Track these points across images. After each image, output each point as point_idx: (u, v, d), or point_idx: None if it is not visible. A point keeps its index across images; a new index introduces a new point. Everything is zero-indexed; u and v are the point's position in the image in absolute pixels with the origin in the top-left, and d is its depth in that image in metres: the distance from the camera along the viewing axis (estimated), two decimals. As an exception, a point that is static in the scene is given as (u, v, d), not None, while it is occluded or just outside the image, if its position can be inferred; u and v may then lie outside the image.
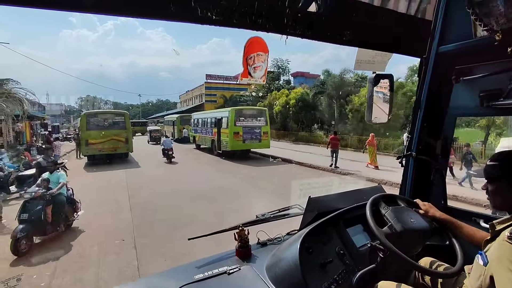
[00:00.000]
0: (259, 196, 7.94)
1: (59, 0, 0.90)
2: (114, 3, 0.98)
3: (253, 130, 15.03)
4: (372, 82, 1.70)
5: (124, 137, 14.73)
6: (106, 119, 15.03)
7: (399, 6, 1.51)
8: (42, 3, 0.89)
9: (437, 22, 1.64)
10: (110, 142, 14.51)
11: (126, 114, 15.56)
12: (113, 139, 14.55)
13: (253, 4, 1.15)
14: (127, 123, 15.12)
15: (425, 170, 1.85)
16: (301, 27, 1.31)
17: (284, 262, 1.29)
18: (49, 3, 0.88)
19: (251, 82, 2.09)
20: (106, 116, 15.27)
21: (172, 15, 1.05)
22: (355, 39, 1.47)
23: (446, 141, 1.80)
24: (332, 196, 1.77)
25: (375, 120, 1.78)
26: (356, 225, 1.59)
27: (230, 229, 1.64)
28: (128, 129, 14.97)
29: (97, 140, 14.21)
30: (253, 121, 15.26)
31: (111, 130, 14.61)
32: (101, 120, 14.92)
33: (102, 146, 14.30)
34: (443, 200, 1.81)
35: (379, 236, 1.26)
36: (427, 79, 1.73)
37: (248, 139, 14.92)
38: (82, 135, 14.15)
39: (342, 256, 1.37)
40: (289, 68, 36.34)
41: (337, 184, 9.97)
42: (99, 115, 15.20)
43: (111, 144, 14.57)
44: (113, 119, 15.14)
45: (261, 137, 15.12)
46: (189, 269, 1.39)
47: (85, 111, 16.42)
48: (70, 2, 0.92)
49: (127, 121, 15.13)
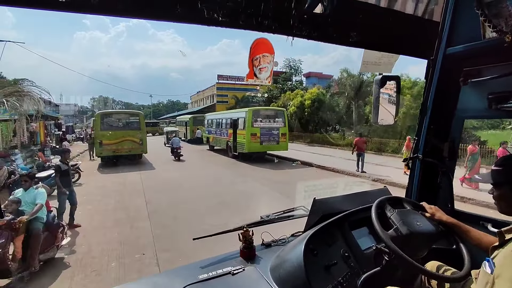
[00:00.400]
0: (289, 203, 7.22)
1: (70, 2, 0.92)
2: (122, 4, 1.00)
3: (271, 131, 14.41)
4: (379, 84, 1.70)
5: (139, 138, 14.31)
6: (121, 119, 14.64)
7: (406, 7, 1.52)
8: (52, 4, 0.91)
9: (445, 23, 1.63)
10: (124, 143, 14.11)
11: (141, 114, 15.17)
12: (128, 140, 14.14)
13: (259, 5, 1.17)
14: (142, 123, 14.71)
15: (432, 173, 1.84)
16: (307, 28, 1.32)
17: (288, 263, 1.29)
18: (60, 5, 0.91)
19: (256, 83, 2.11)
20: (120, 116, 14.89)
21: (178, 17, 1.08)
22: (361, 40, 1.48)
23: (453, 144, 1.79)
24: (337, 198, 1.76)
25: (381, 122, 1.78)
26: (362, 228, 1.58)
27: (234, 229, 1.65)
28: (142, 130, 14.56)
29: (111, 141, 13.81)
30: (271, 122, 14.65)
31: (125, 130, 14.23)
32: (115, 120, 14.54)
33: (116, 147, 13.89)
34: (450, 204, 1.79)
35: (385, 239, 1.24)
36: (434, 80, 1.72)
37: (266, 140, 14.30)
38: (96, 136, 13.77)
39: (347, 258, 1.36)
40: (301, 68, 36.01)
41: (342, 186, 9.55)
42: (114, 115, 14.82)
43: (126, 145, 14.16)
44: (128, 119, 14.75)
45: (279, 138, 14.51)
46: (194, 269, 1.40)
47: (100, 111, 16.10)
48: (79, 3, 0.95)
49: (141, 121, 14.72)
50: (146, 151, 14.95)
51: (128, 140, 14.32)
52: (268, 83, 2.06)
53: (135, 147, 14.55)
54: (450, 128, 1.78)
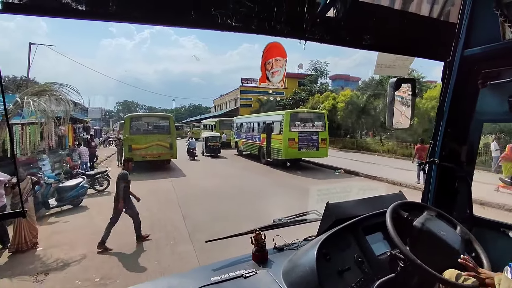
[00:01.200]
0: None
1: (91, 10, 0.98)
2: (138, 12, 1.04)
3: (310, 136, 13.06)
4: (393, 87, 1.65)
5: (169, 143, 13.33)
6: (151, 123, 13.67)
7: (421, 9, 1.52)
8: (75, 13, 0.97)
9: (462, 25, 1.58)
10: (154, 147, 13.16)
11: (171, 118, 14.34)
12: (157, 144, 13.17)
13: (271, 10, 1.20)
14: (172, 127, 13.83)
15: (449, 178, 1.78)
16: (319, 32, 1.33)
17: (301, 267, 1.28)
18: (82, 13, 0.97)
19: (269, 87, 2.09)
20: (150, 119, 14.07)
21: (193, 23, 1.12)
22: (375, 43, 1.48)
23: (472, 148, 1.72)
24: (351, 202, 1.73)
25: (397, 125, 1.74)
26: (376, 233, 1.54)
27: (247, 232, 1.68)
28: (172, 134, 13.66)
29: (141, 145, 12.92)
30: (310, 126, 13.25)
31: (155, 134, 13.26)
32: (145, 124, 13.63)
33: (146, 152, 13.00)
34: (468, 210, 1.71)
35: (400, 245, 1.21)
36: (451, 83, 1.67)
37: (304, 146, 12.95)
38: (125, 140, 12.85)
39: (361, 264, 1.34)
40: (327, 70, 35.43)
41: (355, 191, 8.90)
42: (144, 118, 14.03)
43: (155, 150, 13.28)
44: (158, 123, 13.76)
45: (318, 144, 13.20)
46: (207, 271, 1.42)
47: (129, 114, 15.31)
48: (99, 12, 1.00)
49: (171, 125, 13.84)
50: (175, 156, 13.98)
51: (157, 145, 13.43)
52: (280, 86, 2.03)
53: (164, 152, 13.63)
54: (468, 132, 1.71)
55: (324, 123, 14.07)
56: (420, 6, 1.51)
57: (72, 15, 0.97)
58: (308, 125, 13.69)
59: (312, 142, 13.57)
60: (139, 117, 14.74)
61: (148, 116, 15.24)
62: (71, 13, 0.96)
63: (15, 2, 0.86)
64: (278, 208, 7.27)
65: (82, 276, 4.25)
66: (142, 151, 13.41)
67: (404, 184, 10.02)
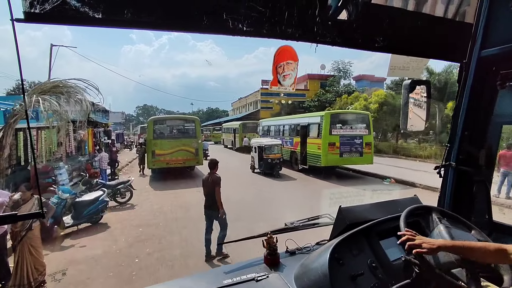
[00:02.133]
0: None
1: (106, 18, 1.03)
2: (152, 18, 1.07)
3: (353, 140, 11.30)
4: (408, 89, 1.66)
5: (194, 148, 11.95)
6: (175, 126, 12.36)
7: (435, 10, 1.50)
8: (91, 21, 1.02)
9: (478, 25, 1.55)
10: (178, 153, 11.80)
11: (197, 120, 13.05)
12: (182, 149, 11.80)
13: (283, 14, 1.22)
14: (198, 130, 12.49)
15: (466, 182, 1.74)
16: (331, 34, 1.34)
17: (313, 272, 1.27)
18: (97, 21, 1.02)
19: (280, 90, 2.18)
20: (175, 122, 12.81)
21: (205, 28, 1.15)
22: (388, 45, 1.48)
23: (490, 151, 1.68)
24: (364, 206, 1.70)
25: (411, 128, 1.75)
26: (390, 238, 1.50)
27: (258, 236, 1.71)
28: (198, 138, 12.22)
29: (165, 151, 11.59)
30: (353, 128, 11.43)
31: (180, 139, 11.90)
32: (170, 128, 12.32)
33: (170, 158, 11.61)
34: (487, 215, 1.67)
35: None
36: (468, 85, 1.63)
37: (347, 152, 11.30)
38: (148, 145, 11.60)
39: (375, 269, 1.32)
40: (351, 71, 34.71)
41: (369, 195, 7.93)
42: (168, 121, 12.74)
43: (180, 156, 11.88)
44: (183, 126, 12.43)
45: (362, 149, 11.32)
46: (219, 274, 1.43)
47: (152, 117, 14.28)
48: (114, 19, 1.04)
49: (197, 128, 12.54)
50: (201, 163, 12.61)
51: (182, 150, 12.04)
52: (292, 89, 2.14)
53: (190, 158, 12.38)
54: (486, 135, 1.67)
55: (369, 126, 12.52)
56: (434, 7, 1.50)
57: (90, 23, 1.04)
58: (350, 128, 12.02)
59: (355, 147, 11.97)
60: (163, 120, 13.61)
61: (172, 119, 14.06)
62: (88, 21, 1.02)
63: (36, 12, 0.93)
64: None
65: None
66: (167, 157, 12.18)
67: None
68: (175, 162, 12.55)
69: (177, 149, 12.52)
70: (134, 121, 72.49)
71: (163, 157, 12.29)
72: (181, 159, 12.62)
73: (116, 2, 1.03)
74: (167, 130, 13.24)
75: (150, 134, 12.53)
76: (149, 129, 12.76)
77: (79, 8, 0.97)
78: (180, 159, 12.60)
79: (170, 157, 12.40)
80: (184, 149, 12.64)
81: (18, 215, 1.15)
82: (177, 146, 12.54)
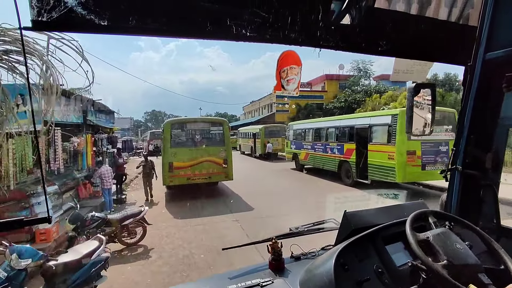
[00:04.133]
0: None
1: (111, 26, 1.02)
2: (156, 25, 1.06)
3: (438, 147, 8.02)
4: (412, 92, 1.60)
5: (223, 158, 8.81)
6: (198, 131, 9.27)
7: (439, 13, 1.46)
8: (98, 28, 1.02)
9: (483, 27, 1.53)
10: (203, 165, 8.77)
11: (225, 123, 9.74)
12: (208, 160, 8.71)
13: (286, 19, 1.20)
14: (226, 136, 9.32)
15: (473, 186, 1.71)
16: (334, 39, 1.32)
17: (318, 277, 1.23)
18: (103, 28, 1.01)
19: (284, 95, 2.14)
20: (199, 125, 9.73)
21: (209, 34, 1.14)
22: (392, 49, 1.46)
23: (497, 155, 1.64)
24: (370, 211, 1.66)
25: (416, 132, 1.69)
26: (396, 243, 1.47)
27: (263, 241, 1.67)
28: (227, 145, 9.04)
29: (186, 162, 8.54)
30: (437, 132, 8.19)
31: (205, 147, 8.81)
32: (191, 132, 9.22)
33: (192, 171, 8.55)
34: (495, 219, 1.62)
35: (421, 255, 1.15)
36: (473, 88, 1.61)
37: (431, 163, 7.94)
38: (165, 155, 8.54)
39: (381, 274, 1.27)
40: (372, 70, 32.54)
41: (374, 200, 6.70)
42: (189, 124, 9.58)
43: (204, 169, 8.82)
44: (208, 130, 9.33)
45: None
46: (223, 280, 1.40)
47: (170, 119, 11.14)
48: (119, 26, 1.04)
49: (226, 133, 9.42)
50: (231, 177, 9.47)
51: (208, 162, 8.95)
52: (295, 94, 2.01)
53: (217, 172, 9.24)
54: (492, 138, 1.64)
55: (455, 127, 9.07)
56: (438, 10, 1.46)
57: (96, 31, 1.04)
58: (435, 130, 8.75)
59: (441, 155, 8.65)
60: (183, 123, 10.53)
61: (195, 121, 10.88)
62: (94, 28, 1.02)
63: (44, 20, 0.92)
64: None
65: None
66: (188, 170, 9.14)
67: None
68: (199, 177, 9.53)
69: (201, 160, 9.52)
70: (143, 126, 70.18)
71: (183, 171, 9.31)
72: (206, 173, 9.61)
73: (121, 10, 1.02)
74: (188, 136, 10.22)
75: (166, 141, 9.54)
76: (166, 134, 9.66)
77: (85, 15, 0.97)
78: (204, 173, 9.59)
79: (192, 170, 9.41)
80: (210, 160, 9.63)
81: (25, 220, 1.11)
82: (201, 157, 9.55)
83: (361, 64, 32.44)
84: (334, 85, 36.68)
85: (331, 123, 13.43)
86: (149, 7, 1.05)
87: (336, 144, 12.31)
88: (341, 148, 11.84)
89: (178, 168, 9.51)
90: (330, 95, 34.93)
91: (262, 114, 43.18)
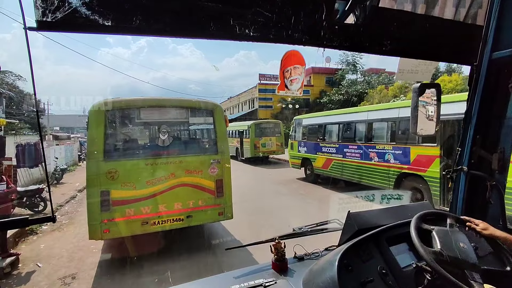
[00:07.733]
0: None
1: (113, 26, 1.01)
2: (160, 26, 1.06)
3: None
4: (417, 92, 1.57)
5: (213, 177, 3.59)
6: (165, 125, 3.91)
7: (445, 13, 1.44)
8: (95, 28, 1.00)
9: (489, 27, 1.52)
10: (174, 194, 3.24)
11: (218, 108, 4.49)
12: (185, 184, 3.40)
13: (289, 19, 1.18)
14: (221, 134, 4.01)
15: (479, 187, 1.69)
16: (338, 39, 1.29)
17: (321, 278, 1.21)
18: (104, 28, 1.00)
19: (288, 95, 2.03)
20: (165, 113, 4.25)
21: (212, 34, 1.13)
22: (396, 49, 1.44)
23: (503, 155, 1.62)
24: (374, 211, 1.63)
25: (421, 132, 1.63)
26: (400, 244, 1.46)
27: (266, 241, 1.63)
28: (223, 151, 3.87)
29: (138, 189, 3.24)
30: None
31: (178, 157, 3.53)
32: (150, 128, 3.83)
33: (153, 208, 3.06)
34: (501, 221, 1.61)
35: (426, 257, 1.13)
36: (479, 87, 1.59)
37: None
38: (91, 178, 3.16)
39: (385, 275, 1.25)
40: (361, 64, 29.76)
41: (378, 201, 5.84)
42: (145, 111, 4.16)
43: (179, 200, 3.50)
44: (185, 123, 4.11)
45: None
46: (226, 279, 1.38)
47: (104, 100, 5.32)
48: (121, 26, 1.02)
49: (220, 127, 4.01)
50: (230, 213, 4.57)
51: (184, 186, 3.74)
52: (299, 94, 1.96)
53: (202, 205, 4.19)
54: (498, 138, 1.62)
55: None
56: (444, 10, 1.43)
57: (99, 31, 1.02)
58: None
59: None
60: (131, 108, 5.15)
61: (157, 105, 5.48)
62: (98, 28, 1.00)
63: (48, 20, 0.91)
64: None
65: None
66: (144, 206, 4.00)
67: None
68: (166, 218, 4.53)
69: (171, 182, 4.51)
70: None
71: (133, 208, 4.26)
72: (181, 208, 4.62)
73: (125, 10, 1.01)
74: (143, 135, 5.25)
75: (95, 146, 4.39)
76: (94, 132, 4.25)
77: (89, 16, 0.95)
78: (178, 210, 4.60)
79: (152, 206, 4.37)
80: (189, 183, 4.67)
81: (29, 219, 1.09)
82: (170, 176, 4.58)
83: (351, 57, 30.26)
84: (321, 79, 33.21)
85: (379, 114, 8.24)
86: (152, 7, 1.03)
87: (392, 147, 7.54)
88: (405, 153, 7.11)
89: (120, 203, 4.38)
90: (316, 90, 31.12)
91: (242, 110, 39.22)
